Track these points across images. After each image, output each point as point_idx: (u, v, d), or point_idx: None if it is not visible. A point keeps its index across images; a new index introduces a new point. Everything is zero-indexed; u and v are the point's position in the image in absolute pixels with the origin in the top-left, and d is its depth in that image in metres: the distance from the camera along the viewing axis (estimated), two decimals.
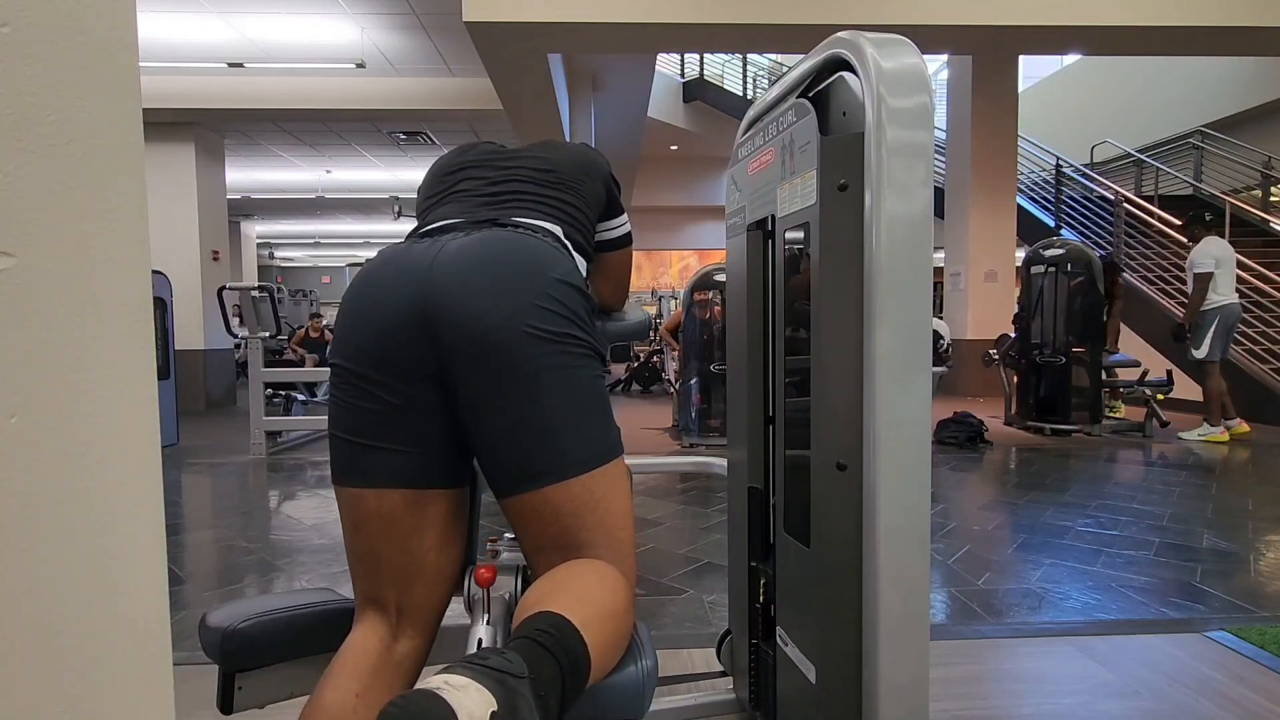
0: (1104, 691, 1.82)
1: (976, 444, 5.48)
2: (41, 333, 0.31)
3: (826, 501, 1.08)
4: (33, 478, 0.31)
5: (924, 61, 1.03)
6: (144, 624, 0.37)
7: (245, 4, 6.25)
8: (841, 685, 1.08)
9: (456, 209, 1.15)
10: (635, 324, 1.46)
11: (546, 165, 1.22)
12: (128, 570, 0.36)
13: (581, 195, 1.22)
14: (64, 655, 0.32)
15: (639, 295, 16.70)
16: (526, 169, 1.21)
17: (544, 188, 1.19)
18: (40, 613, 0.31)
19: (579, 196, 1.22)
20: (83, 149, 0.33)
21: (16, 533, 0.30)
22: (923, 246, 1.02)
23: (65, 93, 0.32)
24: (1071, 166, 9.85)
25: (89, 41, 0.34)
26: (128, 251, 0.37)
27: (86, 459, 0.33)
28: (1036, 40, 6.32)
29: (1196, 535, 3.22)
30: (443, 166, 1.27)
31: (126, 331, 0.36)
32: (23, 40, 0.31)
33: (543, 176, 1.20)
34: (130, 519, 0.36)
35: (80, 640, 0.33)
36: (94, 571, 0.34)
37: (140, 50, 0.40)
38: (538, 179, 1.20)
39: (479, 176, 1.21)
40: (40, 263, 0.31)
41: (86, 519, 0.33)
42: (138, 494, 0.37)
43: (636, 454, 1.46)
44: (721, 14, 5.61)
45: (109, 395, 0.35)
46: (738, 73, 12.55)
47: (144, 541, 0.37)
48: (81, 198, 0.33)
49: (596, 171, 1.28)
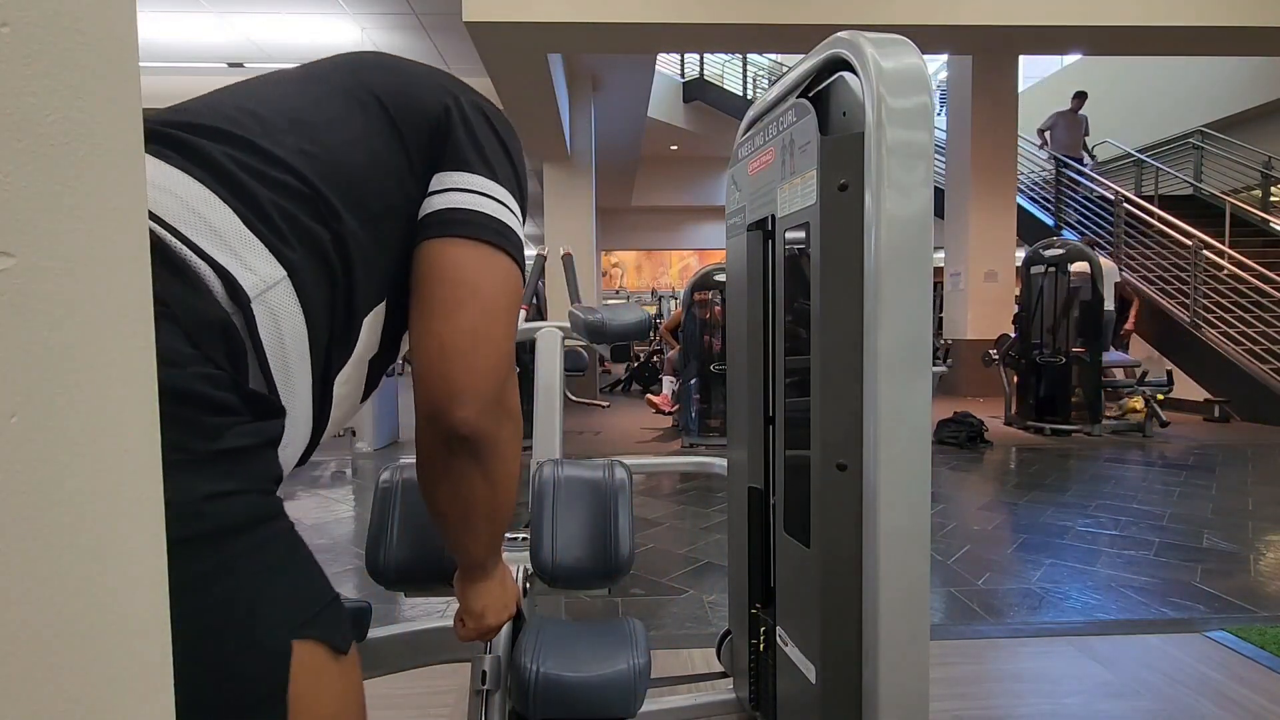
0: (1104, 691, 1.82)
1: (976, 444, 5.48)
2: (41, 333, 0.31)
3: (826, 501, 1.08)
4: (33, 478, 0.31)
5: (924, 61, 1.03)
6: (144, 624, 0.37)
7: (245, 4, 6.24)
8: (841, 685, 1.08)
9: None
10: (635, 323, 1.46)
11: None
12: (128, 570, 0.36)
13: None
14: (63, 655, 0.32)
15: (639, 295, 16.70)
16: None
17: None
18: (40, 613, 0.31)
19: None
20: (83, 149, 0.33)
21: (16, 533, 0.30)
22: (923, 246, 1.02)
23: (65, 93, 0.32)
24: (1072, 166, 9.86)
25: (89, 41, 0.34)
26: (128, 251, 0.37)
27: (86, 459, 0.33)
28: (1036, 40, 6.32)
29: (1196, 535, 3.22)
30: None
31: (126, 331, 0.36)
32: (23, 40, 0.31)
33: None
34: (130, 519, 0.36)
35: (80, 640, 0.33)
36: (94, 571, 0.34)
37: (140, 50, 0.40)
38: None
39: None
40: (40, 263, 0.31)
41: (86, 519, 0.33)
42: (138, 494, 0.37)
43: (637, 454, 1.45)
44: (721, 14, 5.61)
45: (109, 395, 0.35)
46: (738, 73, 12.54)
47: (144, 541, 0.37)
48: (81, 198, 0.33)
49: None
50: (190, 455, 0.49)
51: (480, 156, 0.70)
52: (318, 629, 0.57)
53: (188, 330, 0.51)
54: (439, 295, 0.65)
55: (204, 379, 0.50)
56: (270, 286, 0.57)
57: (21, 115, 0.30)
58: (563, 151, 8.69)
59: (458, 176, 0.68)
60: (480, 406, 0.65)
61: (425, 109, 0.69)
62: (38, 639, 0.30)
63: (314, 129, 0.64)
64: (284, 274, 0.58)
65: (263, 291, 0.56)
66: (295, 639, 0.54)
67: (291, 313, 0.58)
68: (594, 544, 1.11)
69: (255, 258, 0.56)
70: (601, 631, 1.05)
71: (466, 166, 0.69)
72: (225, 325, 0.53)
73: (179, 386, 0.49)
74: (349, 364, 0.66)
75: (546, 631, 1.05)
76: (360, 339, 0.66)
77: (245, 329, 0.55)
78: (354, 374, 0.68)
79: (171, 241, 0.53)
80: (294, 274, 0.58)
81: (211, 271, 0.54)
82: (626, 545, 1.11)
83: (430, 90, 0.71)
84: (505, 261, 0.68)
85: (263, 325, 0.56)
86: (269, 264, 0.57)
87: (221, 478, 0.50)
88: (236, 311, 0.54)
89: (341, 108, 0.67)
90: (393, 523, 1.12)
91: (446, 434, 0.66)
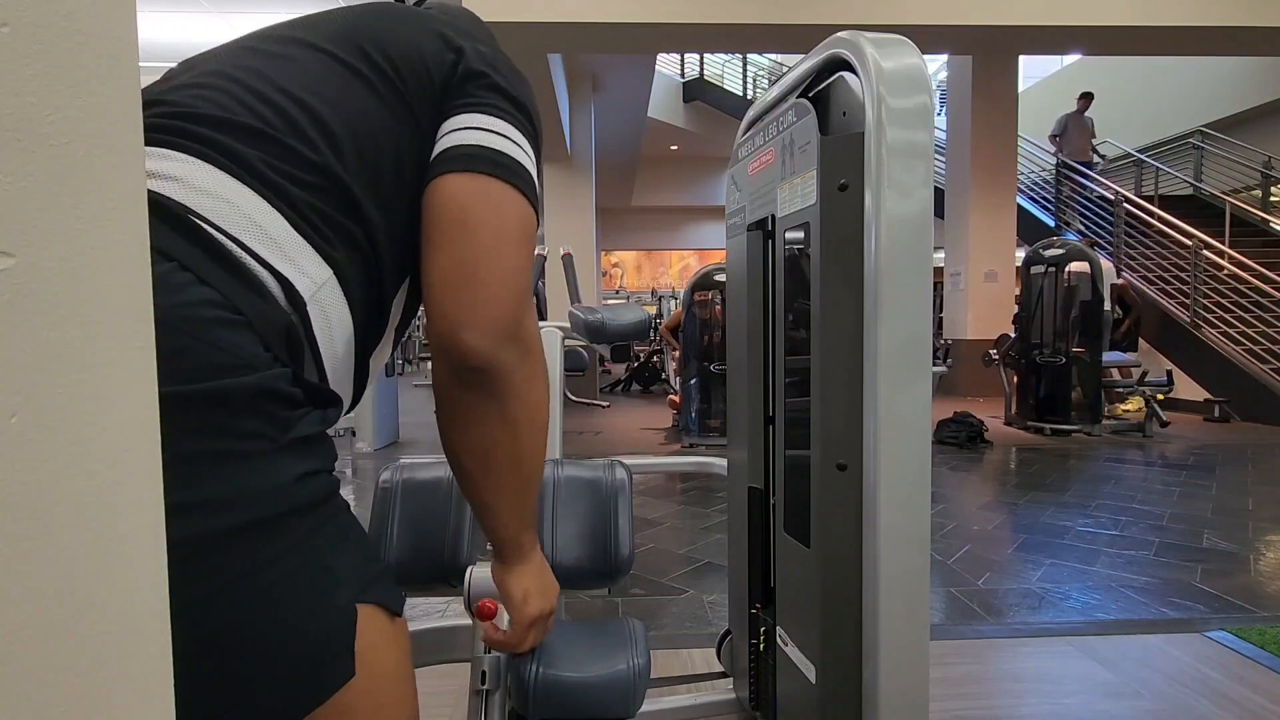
0: (1104, 691, 1.82)
1: (976, 444, 5.48)
2: (41, 333, 0.31)
3: (826, 501, 1.08)
4: (33, 478, 0.31)
5: (924, 61, 1.03)
6: (144, 624, 0.37)
7: (245, 4, 6.25)
8: (841, 685, 1.08)
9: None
10: (635, 323, 1.46)
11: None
12: (128, 570, 0.36)
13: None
14: (63, 655, 0.32)
15: (639, 295, 16.70)
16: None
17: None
18: (40, 613, 0.31)
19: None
20: (83, 149, 0.33)
21: (16, 533, 0.30)
22: (923, 246, 1.02)
23: (65, 93, 0.32)
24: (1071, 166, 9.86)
25: (89, 41, 0.34)
26: (128, 251, 0.37)
27: (86, 459, 0.33)
28: (1036, 40, 6.32)
29: (1196, 535, 3.22)
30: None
31: (126, 331, 0.36)
32: (23, 40, 0.31)
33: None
34: (130, 519, 0.36)
35: (80, 640, 0.33)
36: (94, 571, 0.34)
37: (140, 50, 0.40)
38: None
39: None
40: (40, 263, 0.31)
41: (86, 519, 0.33)
42: (138, 494, 0.37)
43: (636, 454, 1.45)
44: (721, 14, 5.61)
45: (109, 395, 0.35)
46: (738, 73, 12.55)
47: (144, 541, 0.37)
48: (81, 198, 0.33)
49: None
50: (275, 444, 0.54)
51: (487, 101, 0.69)
52: (377, 592, 0.61)
53: (261, 335, 0.55)
54: (440, 228, 0.64)
55: (279, 378, 0.55)
56: (320, 287, 0.60)
57: (21, 115, 0.30)
58: (563, 151, 8.69)
59: (463, 118, 0.68)
60: (493, 335, 0.63)
61: (430, 67, 0.68)
62: (38, 639, 0.30)
63: (330, 116, 0.64)
64: (330, 273, 0.61)
65: (314, 292, 0.60)
66: (359, 602, 0.59)
67: (339, 308, 0.62)
68: (594, 544, 1.11)
69: (307, 261, 0.60)
70: (601, 631, 1.05)
71: (472, 109, 0.68)
72: (289, 327, 0.57)
73: (264, 387, 0.54)
74: (382, 340, 0.69)
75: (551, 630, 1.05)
76: (390, 317, 0.70)
77: (303, 329, 0.59)
78: (385, 348, 0.71)
79: (238, 253, 0.56)
80: (338, 271, 0.62)
81: (272, 278, 0.58)
82: (626, 545, 1.11)
83: (434, 41, 0.70)
84: (509, 191, 0.66)
85: (316, 324, 0.60)
86: (318, 265, 0.60)
87: (306, 459, 0.56)
88: (294, 313, 0.58)
89: (350, 83, 0.66)
90: (393, 523, 1.12)
91: (458, 366, 0.64)
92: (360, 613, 0.59)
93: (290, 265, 0.59)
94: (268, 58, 0.67)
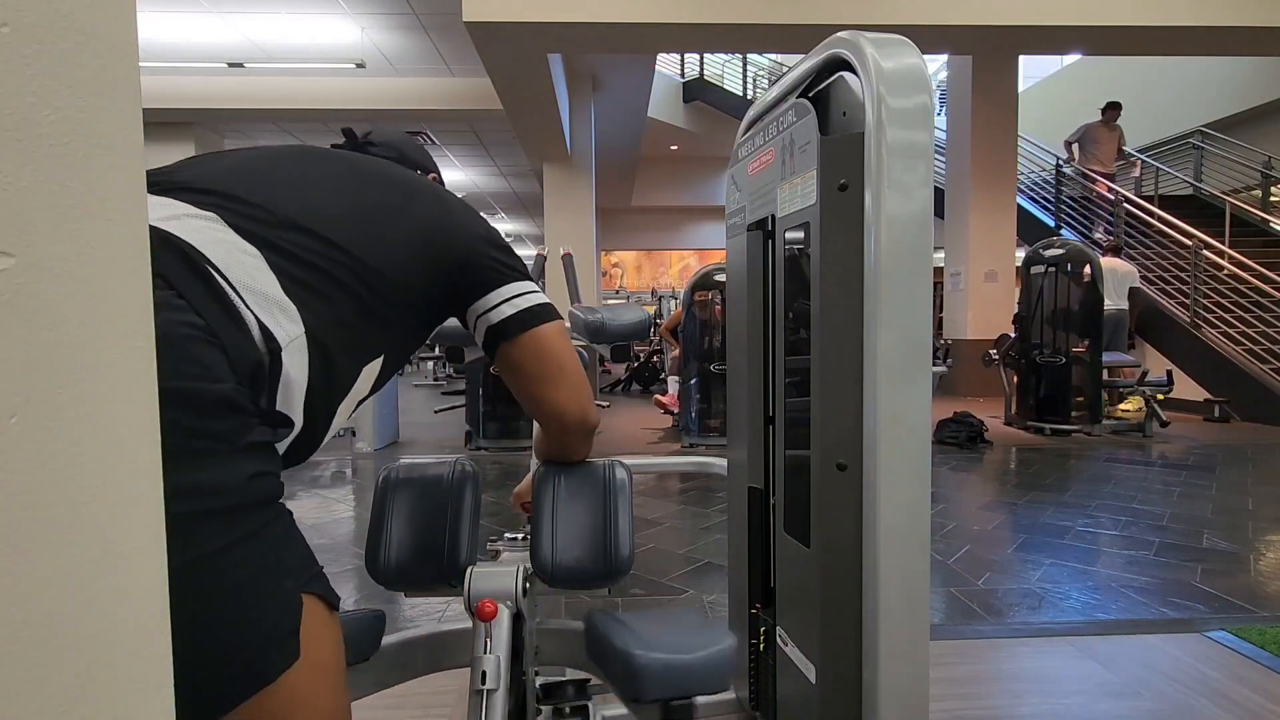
0: (1104, 691, 1.82)
1: (976, 444, 5.48)
2: (41, 333, 0.31)
3: (826, 501, 1.08)
4: (32, 478, 0.31)
5: (924, 61, 1.03)
6: (144, 624, 0.37)
7: (245, 4, 6.25)
8: (841, 685, 1.08)
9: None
10: (635, 323, 1.46)
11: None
12: (128, 570, 0.36)
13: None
14: (63, 655, 0.32)
15: (639, 295, 16.70)
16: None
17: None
18: (40, 613, 0.31)
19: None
20: (83, 149, 0.33)
21: (16, 533, 0.30)
22: (923, 246, 1.02)
23: (65, 93, 0.32)
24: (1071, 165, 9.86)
25: (89, 41, 0.34)
26: (128, 251, 0.37)
27: (86, 459, 0.33)
28: (1036, 40, 6.32)
29: (1196, 535, 3.22)
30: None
31: (126, 331, 0.36)
32: (23, 40, 0.31)
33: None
34: (130, 519, 0.36)
35: (80, 640, 0.33)
36: (94, 572, 0.34)
37: (140, 50, 0.40)
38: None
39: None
40: (40, 263, 0.31)
41: (86, 519, 0.33)
42: (138, 494, 0.37)
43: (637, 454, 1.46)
44: (721, 14, 5.61)
45: (109, 395, 0.35)
46: (738, 73, 12.55)
47: (144, 541, 0.37)
48: (81, 198, 0.33)
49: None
50: (234, 446, 0.62)
51: (510, 271, 0.96)
52: (319, 585, 0.70)
53: (231, 358, 0.64)
54: (551, 366, 0.99)
55: (239, 393, 0.64)
56: (293, 340, 0.72)
57: (21, 115, 0.30)
58: (563, 151, 8.69)
59: (505, 290, 0.95)
60: (591, 413, 1.05)
61: (456, 248, 0.91)
62: (38, 638, 0.30)
63: (368, 243, 0.81)
64: (302, 331, 0.73)
65: (288, 343, 0.71)
66: (304, 591, 0.67)
67: (301, 361, 0.73)
68: (594, 544, 1.11)
69: (287, 318, 0.72)
70: (678, 620, 1.13)
71: (505, 280, 0.95)
72: (259, 363, 0.67)
73: (228, 397, 0.62)
74: (346, 399, 0.82)
75: (623, 621, 1.10)
76: (357, 381, 0.83)
77: (270, 367, 0.69)
78: (348, 406, 0.85)
79: (234, 298, 0.68)
80: (309, 332, 0.74)
81: (256, 324, 0.69)
82: (626, 545, 1.11)
83: (464, 230, 0.92)
84: (561, 323, 1.00)
85: (285, 367, 0.71)
86: (295, 323, 0.72)
87: (258, 462, 0.64)
88: (267, 354, 0.69)
89: (395, 227, 0.85)
90: (392, 523, 1.12)
91: (578, 430, 1.06)
92: (305, 602, 0.66)
93: (271, 318, 0.70)
94: (327, 187, 0.86)
